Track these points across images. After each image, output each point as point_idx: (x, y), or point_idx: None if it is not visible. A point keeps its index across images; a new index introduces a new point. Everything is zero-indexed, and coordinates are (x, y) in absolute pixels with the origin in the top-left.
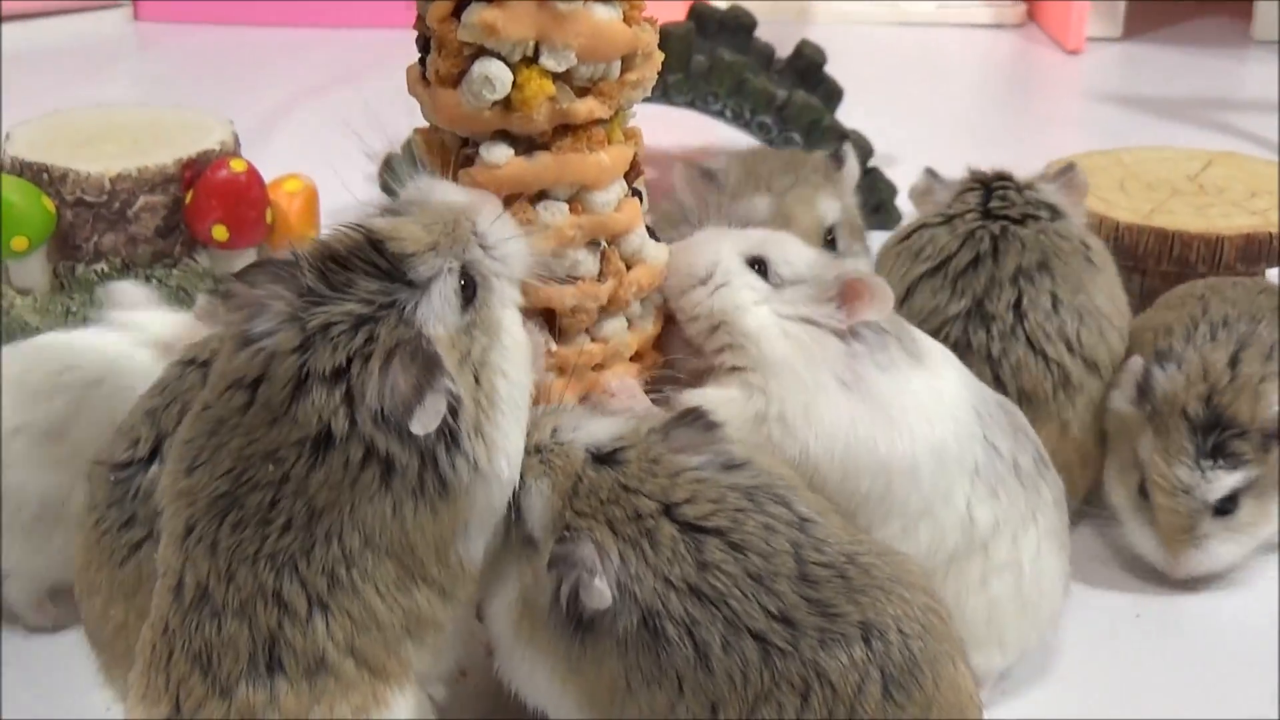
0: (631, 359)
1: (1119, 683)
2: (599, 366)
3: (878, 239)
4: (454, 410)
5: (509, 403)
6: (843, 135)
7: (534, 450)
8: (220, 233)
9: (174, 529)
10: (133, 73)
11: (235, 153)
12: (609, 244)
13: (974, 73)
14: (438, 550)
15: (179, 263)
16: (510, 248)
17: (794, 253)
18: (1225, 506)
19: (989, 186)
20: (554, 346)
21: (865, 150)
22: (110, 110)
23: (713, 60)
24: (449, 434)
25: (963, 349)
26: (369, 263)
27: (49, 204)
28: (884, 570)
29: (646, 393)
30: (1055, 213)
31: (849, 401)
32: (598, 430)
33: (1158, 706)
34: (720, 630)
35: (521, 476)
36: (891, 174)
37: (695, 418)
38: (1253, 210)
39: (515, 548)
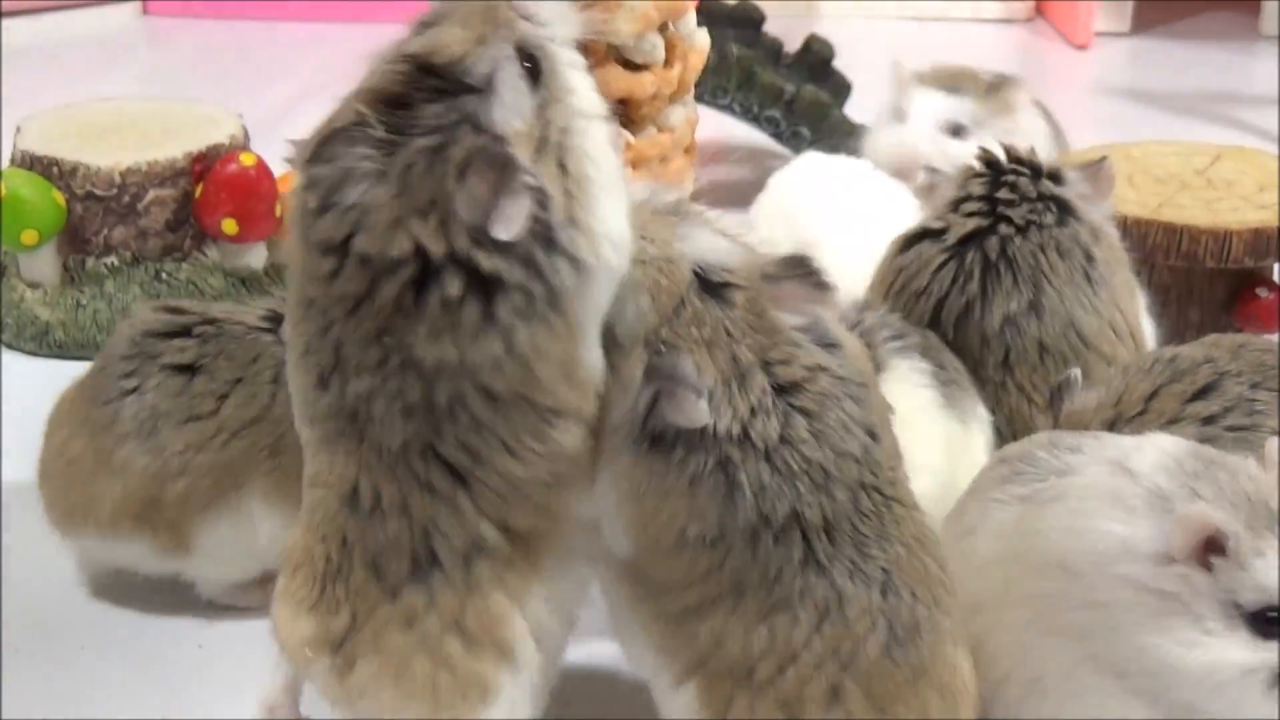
0: (685, 150)
1: None
2: (665, 159)
3: None
4: (542, 205)
5: (601, 182)
6: (851, 130)
7: (638, 261)
8: (230, 226)
9: (331, 440)
10: (142, 66)
11: (245, 146)
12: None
13: (982, 67)
14: (565, 371)
15: (188, 257)
16: (555, 11)
17: None
18: None
19: (1000, 173)
20: (631, 139)
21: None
22: (120, 104)
23: (722, 55)
24: (542, 234)
25: None
26: (426, 88)
27: (59, 197)
28: (911, 528)
29: None
30: (1065, 211)
31: None
32: (709, 248)
33: None
34: (783, 512)
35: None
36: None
37: (808, 271)
38: (1261, 205)
39: (605, 346)
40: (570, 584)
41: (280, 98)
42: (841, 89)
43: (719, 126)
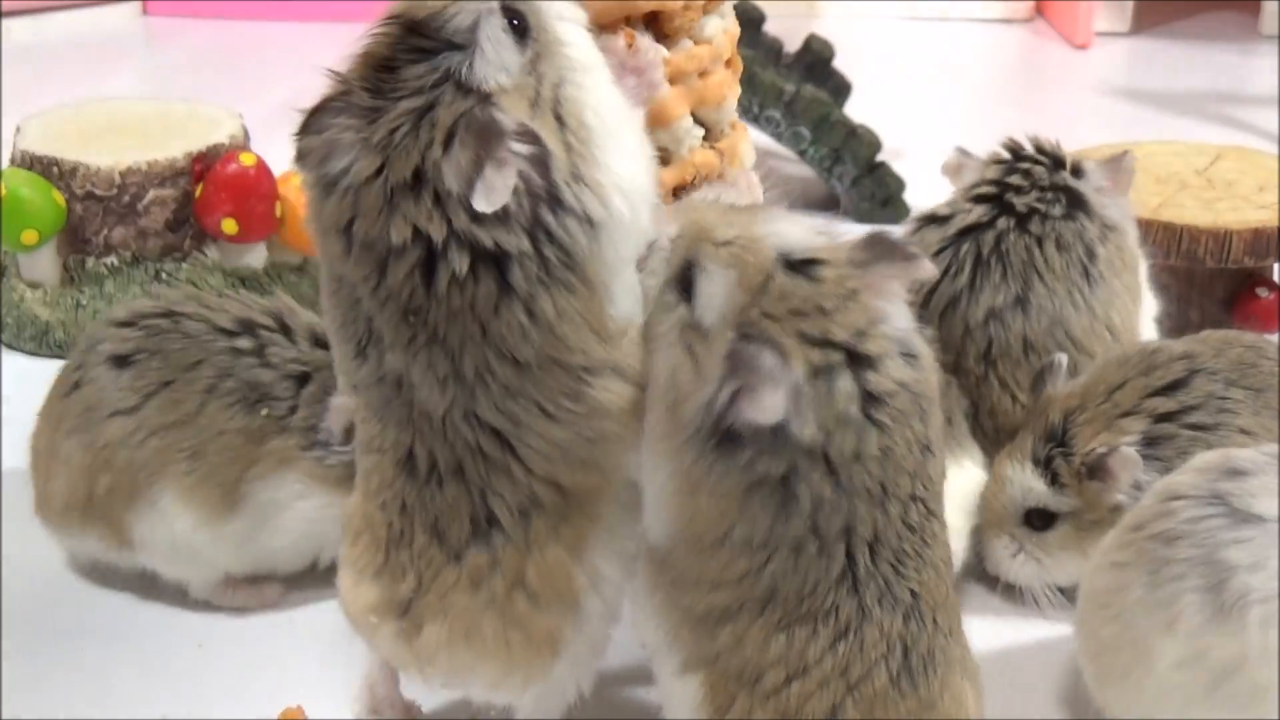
0: (727, 63)
1: None
2: (704, 73)
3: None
4: (543, 164)
5: (604, 131)
6: (851, 129)
7: (721, 242)
8: (230, 226)
9: (380, 408)
10: (142, 67)
11: (245, 146)
12: None
13: (982, 67)
14: (594, 329)
15: (188, 256)
16: None
17: None
18: (1037, 522)
19: (1017, 159)
20: (666, 53)
21: (873, 145)
22: (120, 104)
23: None
24: (547, 195)
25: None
26: (409, 48)
27: (59, 197)
28: (941, 550)
29: None
30: (1076, 204)
31: None
32: (790, 230)
33: None
34: (836, 527)
35: (705, 261)
36: (900, 168)
37: (893, 246)
38: (1261, 204)
39: (678, 330)
40: (626, 532)
41: (280, 98)
42: (841, 89)
43: None
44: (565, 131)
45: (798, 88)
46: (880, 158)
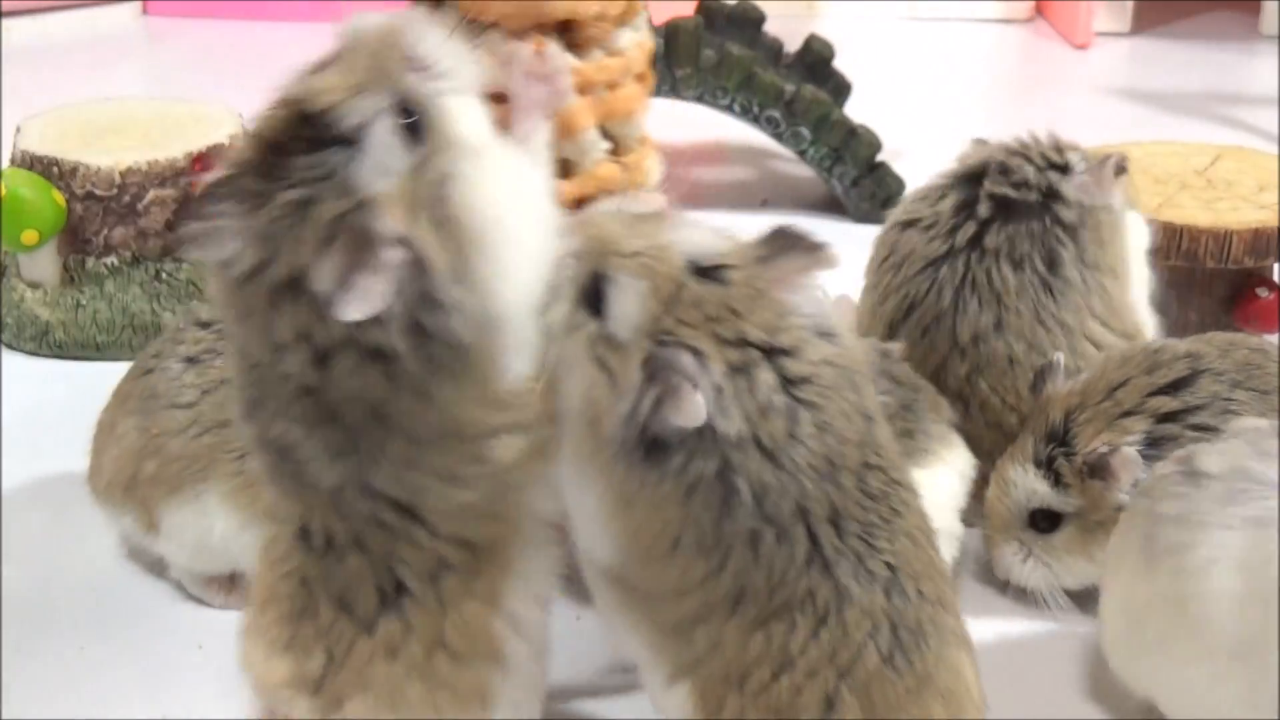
0: (638, 77)
1: None
2: (613, 85)
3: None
4: (420, 269)
5: (492, 226)
6: (851, 130)
7: (629, 254)
8: None
9: (270, 473)
10: (142, 67)
11: None
12: None
13: (982, 68)
14: (490, 402)
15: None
16: (451, 59)
17: None
18: (1042, 524)
19: (1013, 152)
20: (577, 62)
21: (873, 145)
22: (120, 104)
23: (722, 55)
24: (425, 298)
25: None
26: (300, 136)
27: (59, 197)
28: (915, 518)
29: None
30: (1050, 196)
31: None
32: (695, 238)
33: None
34: (788, 509)
35: (613, 274)
36: (900, 168)
37: (797, 239)
38: (1261, 204)
39: (589, 346)
40: (541, 571)
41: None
42: (841, 89)
43: (719, 126)
44: (448, 232)
45: (798, 88)
46: (880, 158)
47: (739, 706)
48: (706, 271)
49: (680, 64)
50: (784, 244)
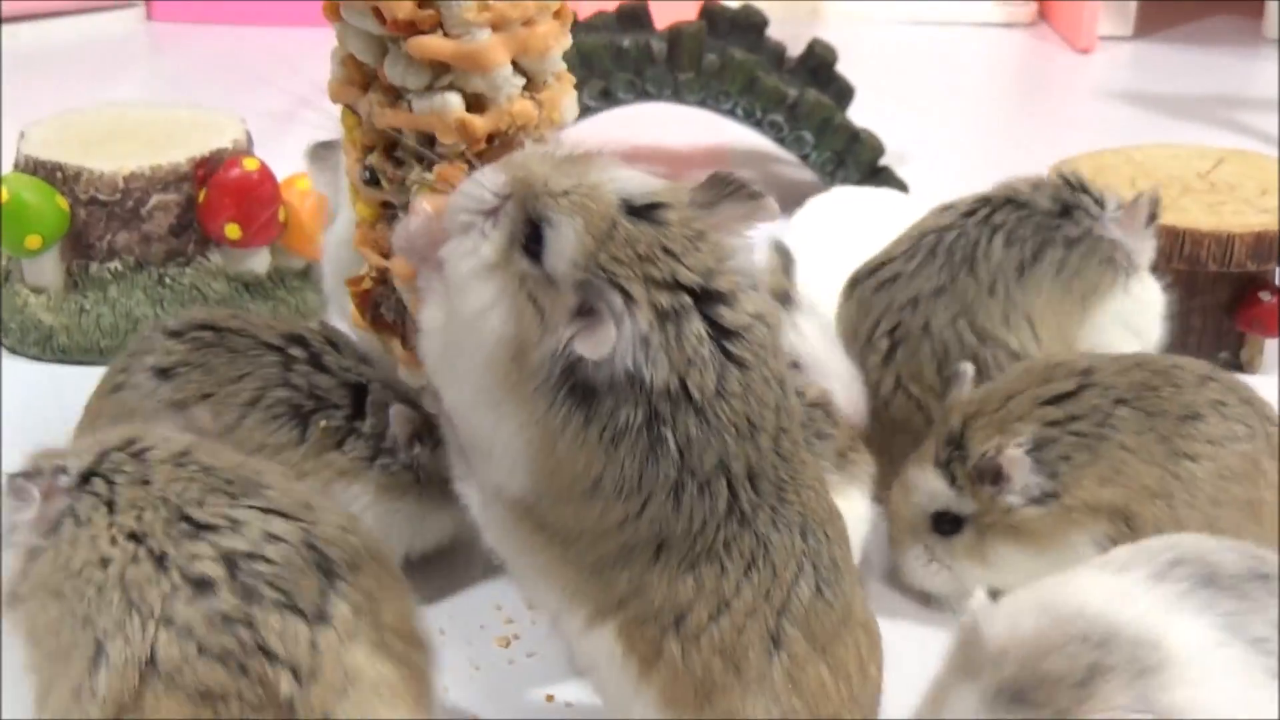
0: (555, 14)
1: None
2: (529, 22)
3: None
4: None
5: None
6: (854, 134)
7: (560, 192)
8: (233, 231)
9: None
10: (146, 72)
11: (248, 151)
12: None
13: (985, 72)
14: None
15: (192, 261)
16: None
17: None
18: (945, 526)
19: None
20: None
21: (876, 149)
22: (123, 109)
23: (724, 59)
24: None
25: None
26: None
27: (63, 202)
28: (814, 470)
29: None
30: (1064, 214)
31: None
32: (628, 177)
33: None
34: (710, 464)
35: (549, 213)
36: (903, 173)
37: (738, 186)
38: (1263, 208)
39: (518, 282)
40: None
41: (283, 104)
42: (844, 93)
43: (722, 130)
44: None
45: (801, 92)
46: (883, 162)
47: (679, 649)
48: (640, 211)
49: (683, 68)
50: (725, 190)
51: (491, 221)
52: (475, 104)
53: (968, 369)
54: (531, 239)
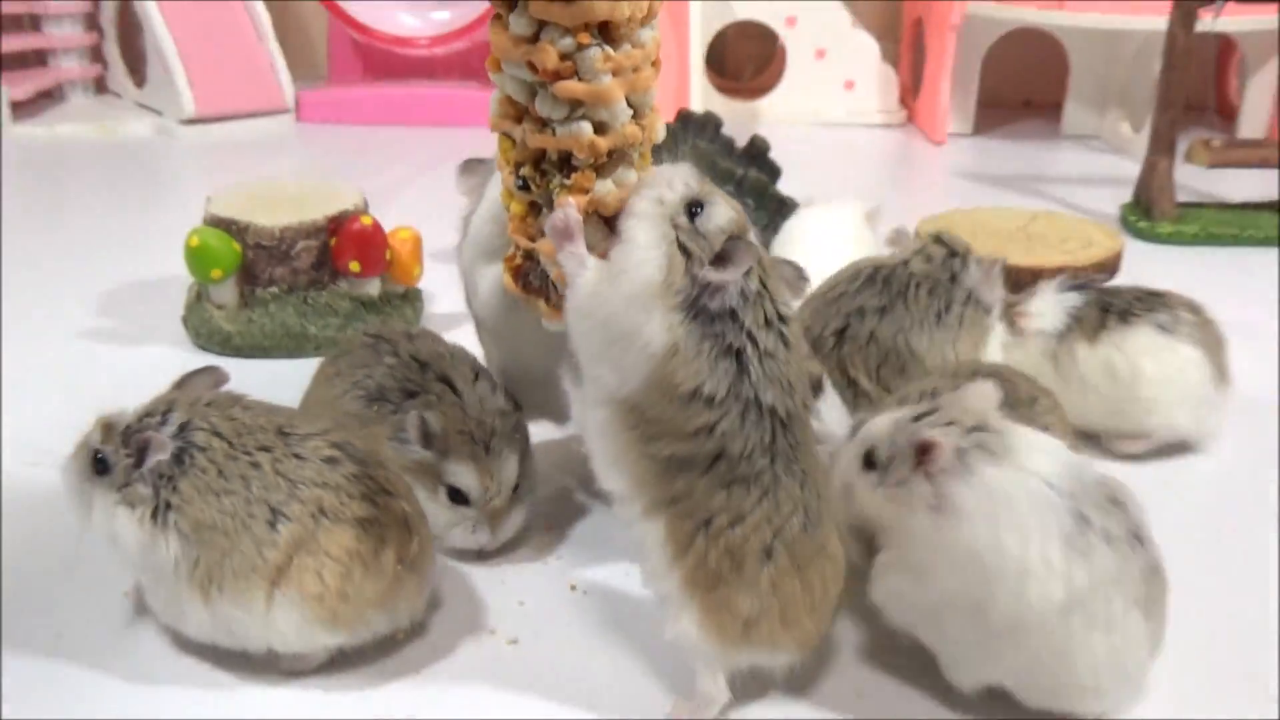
0: (653, 64)
1: None
2: (637, 69)
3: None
4: None
5: None
6: (781, 200)
7: (714, 192)
8: (355, 266)
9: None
10: (295, 157)
11: (365, 211)
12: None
13: (870, 156)
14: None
15: (326, 287)
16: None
17: None
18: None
19: (935, 243)
20: (613, 53)
21: (794, 209)
22: (279, 182)
23: (694, 148)
24: None
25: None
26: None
27: (237, 247)
28: (813, 444)
29: None
30: (953, 279)
31: None
32: (721, 216)
33: None
34: (767, 401)
35: (712, 197)
36: None
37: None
38: (1063, 251)
39: (678, 234)
40: None
41: (390, 178)
42: (775, 172)
43: None
44: None
45: (745, 171)
46: None
47: (704, 545)
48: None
49: (667, 154)
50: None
51: (666, 190)
52: (599, 129)
53: (823, 378)
54: (694, 208)
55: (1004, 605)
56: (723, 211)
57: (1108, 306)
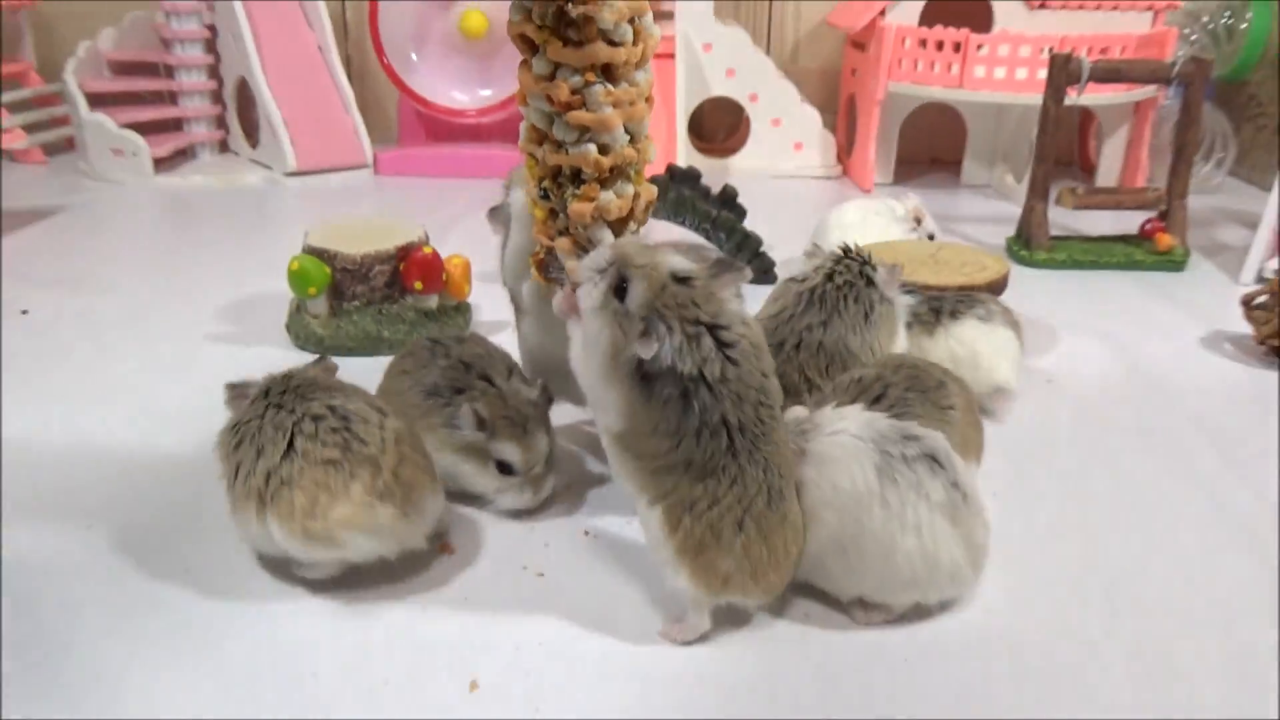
0: (646, 100)
1: None
2: (633, 103)
3: (764, 291)
4: None
5: None
6: (747, 234)
7: (639, 264)
8: (418, 285)
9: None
10: (372, 201)
11: (426, 242)
12: (638, 20)
13: (814, 201)
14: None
15: (396, 301)
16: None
17: None
18: None
19: (843, 257)
20: (613, 89)
21: (758, 242)
22: (360, 220)
23: (679, 194)
24: None
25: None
26: None
27: (327, 270)
28: (781, 433)
29: None
30: (869, 284)
31: None
32: (676, 262)
33: None
34: (717, 419)
35: (631, 275)
36: (774, 254)
37: (733, 265)
38: (963, 273)
39: (614, 316)
40: None
41: (445, 218)
42: (742, 213)
43: (683, 233)
44: None
45: (718, 212)
46: (763, 249)
47: (690, 524)
48: (680, 279)
49: (660, 202)
50: (725, 266)
51: (600, 276)
52: (603, 150)
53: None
54: (620, 289)
55: (851, 530)
56: (638, 291)
57: (938, 308)
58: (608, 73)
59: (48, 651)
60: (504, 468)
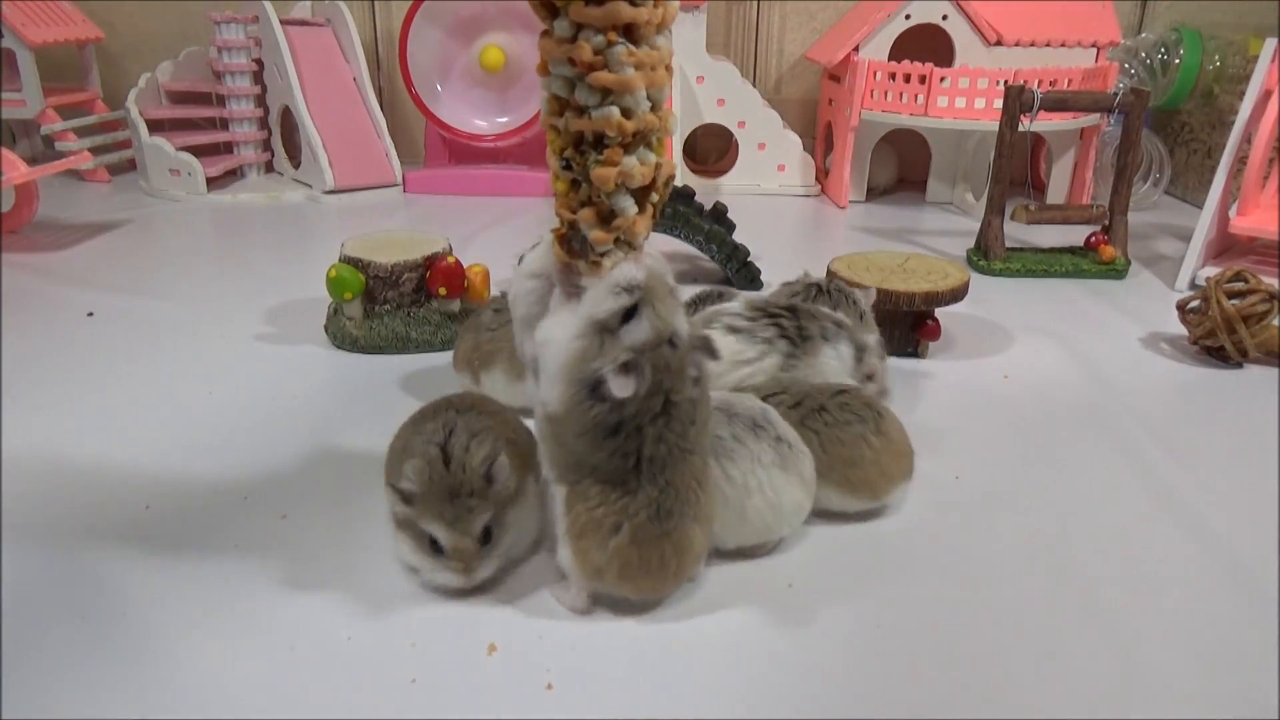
0: (666, 67)
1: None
2: (654, 68)
3: (753, 295)
4: None
5: None
6: (735, 246)
7: (660, 314)
8: (443, 291)
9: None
10: (402, 216)
11: (450, 252)
12: None
13: (796, 217)
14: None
15: (424, 305)
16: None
17: None
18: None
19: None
20: (635, 50)
21: (746, 253)
22: (390, 233)
23: (675, 211)
24: None
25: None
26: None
27: (361, 277)
28: (695, 468)
29: None
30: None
31: None
32: (680, 324)
33: None
34: (635, 447)
35: (646, 320)
36: (761, 264)
37: (709, 347)
38: (928, 282)
39: (604, 332)
40: None
41: (467, 230)
42: (731, 227)
43: (676, 244)
44: None
45: (710, 227)
46: (750, 258)
47: (580, 511)
48: (671, 342)
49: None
50: (704, 344)
51: (622, 294)
52: (625, 113)
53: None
54: (628, 315)
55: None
56: (641, 333)
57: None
58: (629, 34)
59: (107, 613)
60: (435, 545)
